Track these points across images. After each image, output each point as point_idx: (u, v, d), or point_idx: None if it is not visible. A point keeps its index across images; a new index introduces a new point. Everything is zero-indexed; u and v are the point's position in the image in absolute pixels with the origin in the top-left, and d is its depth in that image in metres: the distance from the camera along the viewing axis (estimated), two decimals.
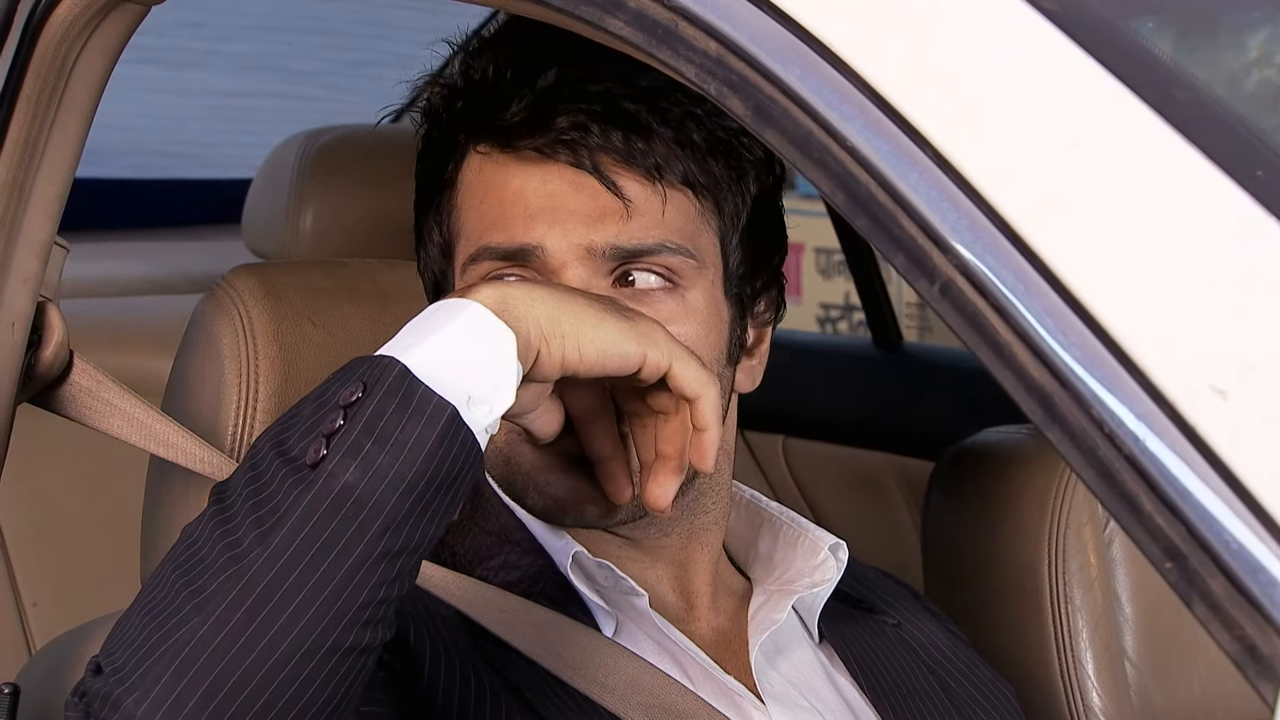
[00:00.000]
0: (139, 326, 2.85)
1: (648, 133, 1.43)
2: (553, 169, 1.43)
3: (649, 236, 1.42)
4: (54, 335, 1.46)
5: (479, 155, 1.47)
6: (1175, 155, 1.00)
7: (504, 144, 1.44)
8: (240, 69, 4.27)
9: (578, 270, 1.41)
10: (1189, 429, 0.95)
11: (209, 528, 1.19)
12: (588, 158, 1.42)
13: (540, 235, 1.42)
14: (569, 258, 1.41)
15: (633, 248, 1.42)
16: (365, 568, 1.15)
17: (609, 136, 1.42)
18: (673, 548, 1.50)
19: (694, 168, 1.44)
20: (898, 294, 3.67)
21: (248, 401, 1.61)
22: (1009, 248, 1.00)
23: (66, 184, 1.47)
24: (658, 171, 1.43)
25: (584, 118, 1.42)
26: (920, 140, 1.03)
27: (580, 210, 1.42)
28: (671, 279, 1.43)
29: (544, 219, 1.42)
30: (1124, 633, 1.91)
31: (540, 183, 1.43)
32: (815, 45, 1.07)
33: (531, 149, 1.43)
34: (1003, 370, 1.01)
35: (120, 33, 1.45)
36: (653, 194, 1.43)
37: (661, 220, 1.43)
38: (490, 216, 1.44)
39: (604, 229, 1.41)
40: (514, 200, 1.43)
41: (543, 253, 1.41)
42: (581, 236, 1.41)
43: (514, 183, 1.44)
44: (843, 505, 3.13)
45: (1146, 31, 1.11)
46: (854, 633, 1.58)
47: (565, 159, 1.42)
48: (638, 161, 1.42)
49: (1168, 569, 0.95)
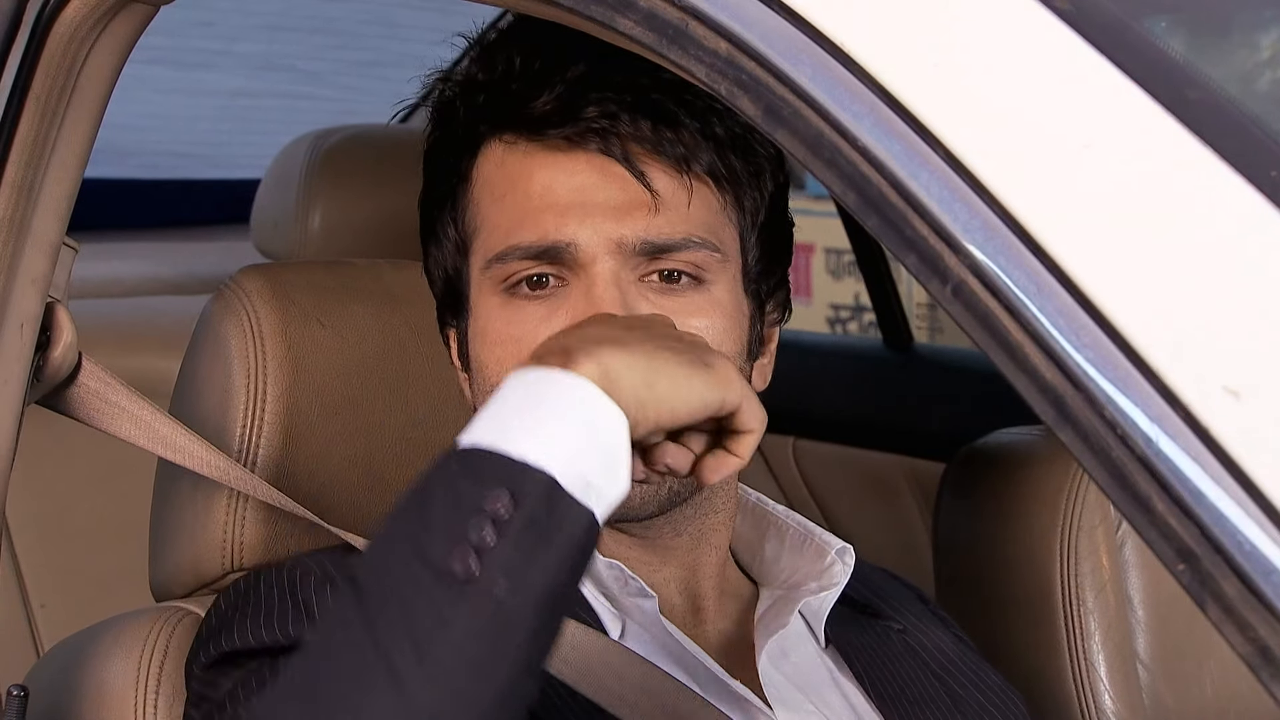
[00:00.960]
0: (147, 327, 2.85)
1: (675, 122, 1.43)
2: (581, 159, 1.43)
3: (676, 230, 1.43)
4: (63, 336, 1.46)
5: (502, 146, 1.46)
6: (1188, 155, 1.00)
7: (532, 134, 1.44)
8: (249, 69, 4.26)
9: (607, 263, 1.41)
10: (1202, 430, 0.95)
11: (354, 630, 1.14)
12: (618, 146, 1.42)
13: (572, 232, 1.42)
14: (599, 251, 1.42)
15: (661, 242, 1.42)
16: (517, 682, 1.13)
17: (638, 125, 1.42)
18: (683, 548, 1.50)
19: (718, 160, 1.45)
20: (908, 294, 3.67)
21: (256, 402, 1.61)
22: (1021, 248, 1.00)
23: (75, 184, 1.47)
24: (685, 162, 1.43)
25: (614, 106, 1.42)
26: (932, 140, 1.03)
27: (609, 202, 1.42)
28: (697, 274, 1.44)
29: (574, 214, 1.42)
30: (1136, 635, 1.90)
31: (568, 175, 1.43)
32: (827, 45, 1.07)
33: (561, 138, 1.43)
34: (1015, 371, 1.01)
35: (129, 32, 1.46)
36: (679, 186, 1.44)
37: (687, 214, 1.44)
38: (517, 213, 1.44)
39: (633, 222, 1.42)
40: (542, 194, 1.43)
41: (574, 249, 1.42)
42: (611, 230, 1.42)
43: (539, 175, 1.44)
44: (853, 506, 3.13)
45: (1159, 31, 1.11)
46: (860, 638, 1.58)
47: (595, 147, 1.42)
48: (666, 151, 1.43)
49: (1180, 571, 0.95)
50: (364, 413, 1.67)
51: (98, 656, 1.54)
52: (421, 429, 1.69)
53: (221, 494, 1.59)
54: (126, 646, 1.53)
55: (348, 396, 1.66)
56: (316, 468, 1.64)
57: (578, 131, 1.42)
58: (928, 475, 2.95)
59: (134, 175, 3.87)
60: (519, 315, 1.44)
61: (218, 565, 1.60)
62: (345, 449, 1.65)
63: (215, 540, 1.60)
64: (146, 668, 1.52)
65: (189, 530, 1.62)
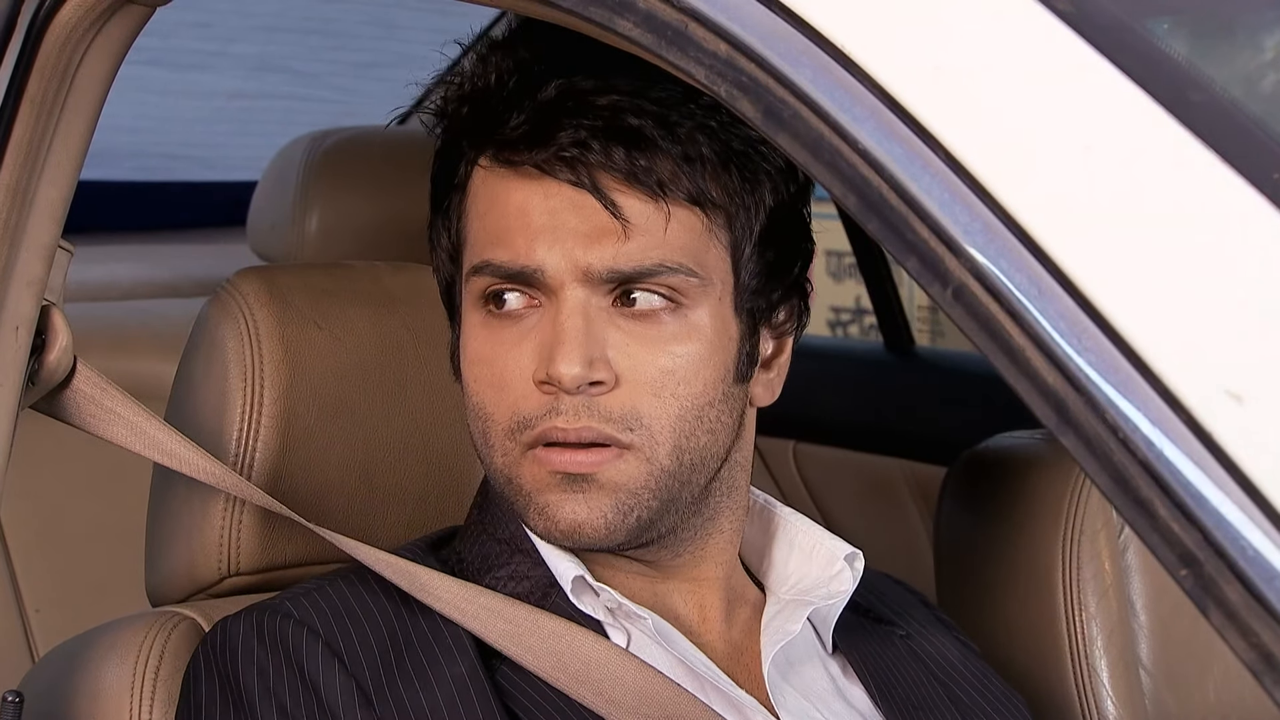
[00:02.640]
0: (143, 330, 2.86)
1: (652, 149, 1.40)
2: (552, 184, 1.41)
3: (648, 258, 1.40)
4: (58, 340, 1.46)
5: (486, 160, 1.45)
6: (1190, 158, 1.00)
7: (504, 157, 1.43)
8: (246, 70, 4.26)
9: (576, 290, 1.40)
10: (1204, 434, 0.95)
11: None
12: (586, 175, 1.40)
13: (541, 257, 1.40)
14: (567, 278, 1.40)
15: (630, 270, 1.40)
16: None
17: (610, 154, 1.40)
18: (685, 565, 1.49)
19: (702, 184, 1.42)
20: (909, 297, 3.68)
21: (252, 406, 1.61)
22: (1023, 251, 1.00)
23: (71, 186, 1.47)
24: (661, 189, 1.41)
25: (585, 134, 1.39)
26: (933, 143, 1.03)
27: (578, 230, 1.40)
28: (674, 298, 1.42)
29: (544, 238, 1.41)
30: (1139, 640, 1.90)
31: (542, 198, 1.41)
32: (827, 47, 1.07)
33: (531, 164, 1.41)
34: (1016, 375, 1.01)
35: (125, 34, 1.46)
36: (655, 212, 1.41)
37: (663, 239, 1.41)
38: (494, 230, 1.43)
39: (601, 250, 1.40)
40: (517, 215, 1.42)
41: (542, 274, 1.41)
42: (579, 257, 1.40)
43: (516, 196, 1.42)
44: (854, 511, 3.13)
45: (1161, 32, 1.11)
46: (866, 644, 1.58)
47: (565, 177, 1.40)
48: (640, 180, 1.40)
49: (1183, 576, 0.95)
50: (362, 417, 1.67)
51: (93, 662, 1.54)
52: (420, 433, 1.69)
53: (218, 498, 1.59)
54: (122, 652, 1.53)
55: (345, 400, 1.66)
56: (313, 472, 1.64)
57: (547, 159, 1.40)
58: (929, 479, 2.95)
59: (129, 177, 3.87)
60: (494, 336, 1.43)
61: (214, 570, 1.61)
62: (342, 453, 1.65)
63: (211, 545, 1.60)
64: (142, 673, 1.52)
65: (185, 535, 1.62)
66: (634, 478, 1.41)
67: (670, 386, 1.41)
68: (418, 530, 1.64)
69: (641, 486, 1.41)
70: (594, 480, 1.41)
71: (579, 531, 1.42)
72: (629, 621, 1.45)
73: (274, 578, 1.63)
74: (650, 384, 1.41)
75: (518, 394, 1.41)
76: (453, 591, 1.43)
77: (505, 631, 1.41)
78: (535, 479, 1.42)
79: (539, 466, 1.41)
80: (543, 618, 1.42)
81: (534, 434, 1.41)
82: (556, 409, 1.40)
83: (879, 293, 3.24)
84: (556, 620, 1.42)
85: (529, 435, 1.41)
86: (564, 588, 1.45)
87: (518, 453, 1.41)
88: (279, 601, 1.46)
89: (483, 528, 1.51)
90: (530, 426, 1.41)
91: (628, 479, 1.41)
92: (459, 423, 1.67)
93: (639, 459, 1.41)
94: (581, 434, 1.40)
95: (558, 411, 1.40)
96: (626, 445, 1.40)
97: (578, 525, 1.41)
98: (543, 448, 1.41)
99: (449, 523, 1.62)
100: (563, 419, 1.40)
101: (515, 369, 1.42)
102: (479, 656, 1.42)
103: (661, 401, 1.41)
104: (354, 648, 1.42)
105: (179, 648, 1.53)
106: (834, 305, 5.45)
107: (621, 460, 1.41)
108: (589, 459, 1.40)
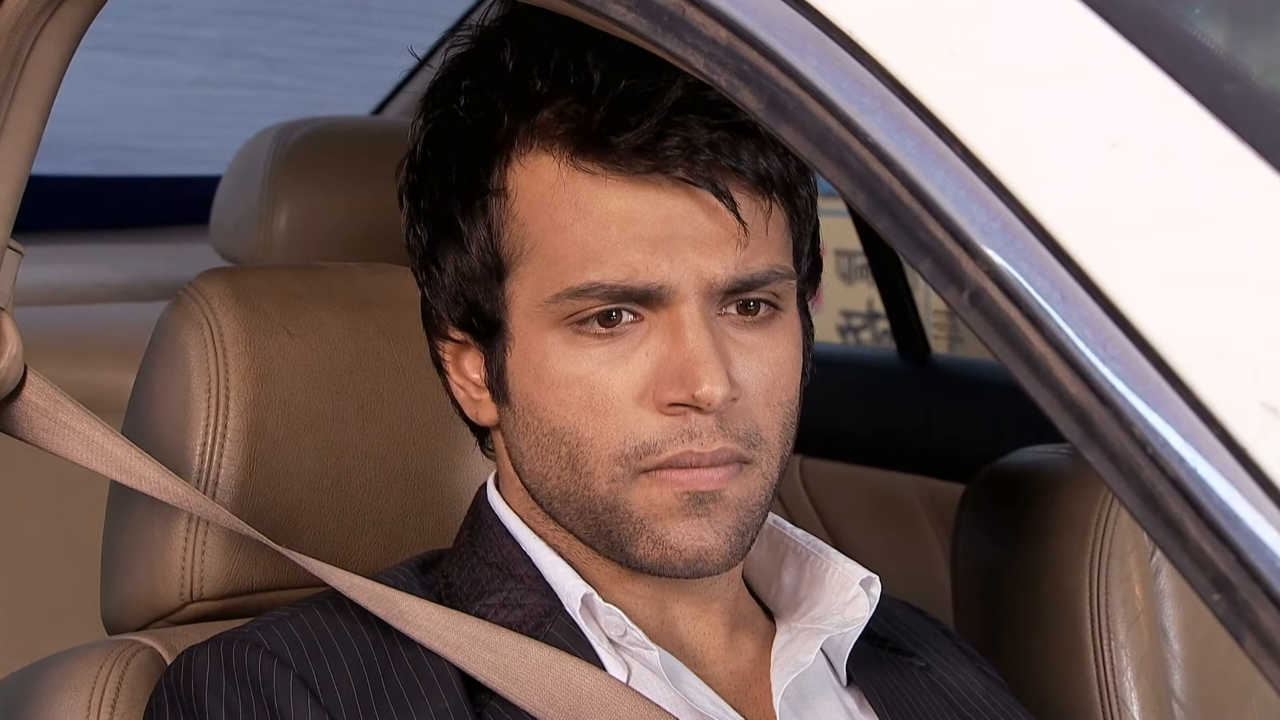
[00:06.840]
0: (99, 336, 2.86)
1: (765, 145, 1.41)
2: (663, 185, 1.39)
3: (759, 263, 1.42)
4: (6, 348, 1.46)
5: (557, 163, 1.41)
6: (1225, 153, 1.00)
7: (611, 159, 1.40)
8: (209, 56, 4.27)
9: (698, 303, 1.40)
10: (1239, 449, 0.95)
11: None
12: (713, 177, 1.39)
13: (664, 272, 1.39)
14: (689, 291, 1.40)
15: (749, 278, 1.41)
16: None
17: (739, 154, 1.40)
18: (692, 588, 1.49)
19: (784, 169, 1.43)
20: (925, 301, 3.68)
21: (217, 417, 1.61)
22: (1044, 253, 1.01)
23: (21, 182, 1.47)
24: (765, 182, 1.42)
25: (718, 134, 1.39)
26: (948, 136, 1.04)
27: (694, 237, 1.40)
28: (776, 303, 1.44)
29: (663, 251, 1.39)
30: (1172, 671, 1.91)
31: (650, 205, 1.40)
32: (834, 33, 1.07)
33: (645, 165, 1.39)
34: (1037, 385, 1.01)
35: (79, 18, 1.46)
36: (758, 211, 1.42)
37: (766, 241, 1.42)
38: (593, 245, 1.40)
39: (724, 258, 1.40)
40: (621, 226, 1.39)
41: (665, 291, 1.40)
42: (704, 268, 1.40)
43: (616, 203, 1.40)
44: (865, 531, 3.14)
45: (1194, 18, 1.12)
46: (883, 676, 1.58)
47: (680, 172, 1.39)
48: (747, 174, 1.41)
49: (1215, 600, 0.96)
50: (334, 430, 1.67)
51: (44, 694, 1.54)
52: (398, 447, 1.70)
53: (180, 518, 1.60)
54: (75, 683, 1.54)
55: (317, 412, 1.66)
56: (282, 489, 1.64)
57: (660, 162, 1.38)
58: (946, 497, 2.96)
59: (83, 172, 3.88)
60: (586, 355, 1.41)
61: (175, 596, 1.61)
62: (314, 468, 1.66)
63: (173, 568, 1.60)
64: (97, 707, 1.52)
65: (144, 557, 1.62)
66: (754, 493, 1.43)
67: (776, 394, 1.44)
68: (394, 552, 1.64)
69: (757, 503, 1.44)
70: (721, 498, 1.41)
71: (703, 560, 1.42)
72: (632, 656, 1.45)
73: (240, 604, 1.63)
74: (762, 395, 1.43)
75: (630, 418, 1.40)
76: (434, 619, 1.43)
77: (491, 662, 1.41)
78: (652, 503, 1.42)
79: (661, 488, 1.41)
80: (530, 646, 1.42)
81: (661, 459, 1.40)
82: (691, 432, 1.40)
83: (892, 296, 3.25)
84: (545, 650, 1.42)
85: (652, 460, 1.40)
86: (570, 608, 1.45)
87: (628, 478, 1.41)
88: (248, 630, 1.46)
89: (473, 551, 1.51)
90: (655, 451, 1.40)
91: (748, 495, 1.43)
92: (439, 436, 1.67)
93: (757, 473, 1.43)
94: (718, 456, 1.41)
95: (691, 435, 1.40)
96: (748, 460, 1.42)
97: (703, 553, 1.42)
98: (668, 469, 1.41)
99: (428, 544, 1.62)
100: (698, 443, 1.40)
101: (621, 390, 1.41)
102: (464, 691, 1.42)
103: (771, 412, 1.43)
104: (329, 680, 1.42)
105: (137, 679, 1.53)
106: (844, 309, 5.45)
107: (743, 475, 1.42)
108: (719, 475, 1.41)
